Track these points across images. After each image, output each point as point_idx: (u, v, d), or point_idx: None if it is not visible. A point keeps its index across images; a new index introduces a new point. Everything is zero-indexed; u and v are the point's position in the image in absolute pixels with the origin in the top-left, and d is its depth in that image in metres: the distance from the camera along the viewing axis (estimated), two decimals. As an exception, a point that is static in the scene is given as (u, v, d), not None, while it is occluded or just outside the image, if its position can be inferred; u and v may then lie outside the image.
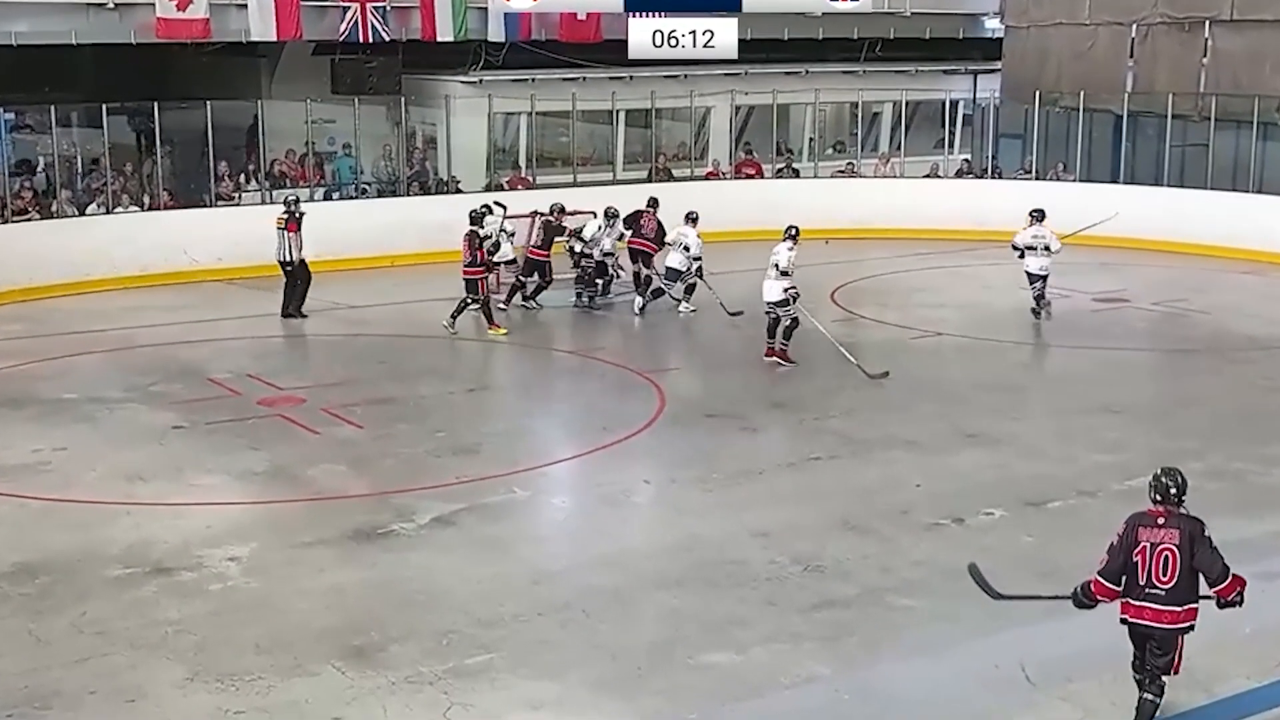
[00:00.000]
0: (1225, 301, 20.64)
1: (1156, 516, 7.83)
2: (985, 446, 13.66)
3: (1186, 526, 7.77)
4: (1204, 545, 7.75)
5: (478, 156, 26.19)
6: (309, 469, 12.86)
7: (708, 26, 24.22)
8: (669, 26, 24.06)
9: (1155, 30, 26.78)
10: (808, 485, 12.52)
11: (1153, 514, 7.85)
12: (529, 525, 11.86)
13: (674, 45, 24.09)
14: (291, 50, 25.47)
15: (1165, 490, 7.86)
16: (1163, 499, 7.87)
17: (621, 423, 14.33)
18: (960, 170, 28.44)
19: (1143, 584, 7.80)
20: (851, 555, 10.73)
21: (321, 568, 10.56)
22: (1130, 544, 7.83)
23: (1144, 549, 7.78)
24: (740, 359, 17.92)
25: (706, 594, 10.06)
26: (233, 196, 23.48)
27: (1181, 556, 7.71)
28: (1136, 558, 7.80)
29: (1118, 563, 7.88)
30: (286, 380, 15.95)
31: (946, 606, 9.80)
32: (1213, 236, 23.84)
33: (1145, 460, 12.83)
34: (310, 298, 19.81)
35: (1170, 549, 7.74)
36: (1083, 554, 10.56)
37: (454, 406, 15.18)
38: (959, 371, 16.62)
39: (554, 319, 19.81)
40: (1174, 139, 25.57)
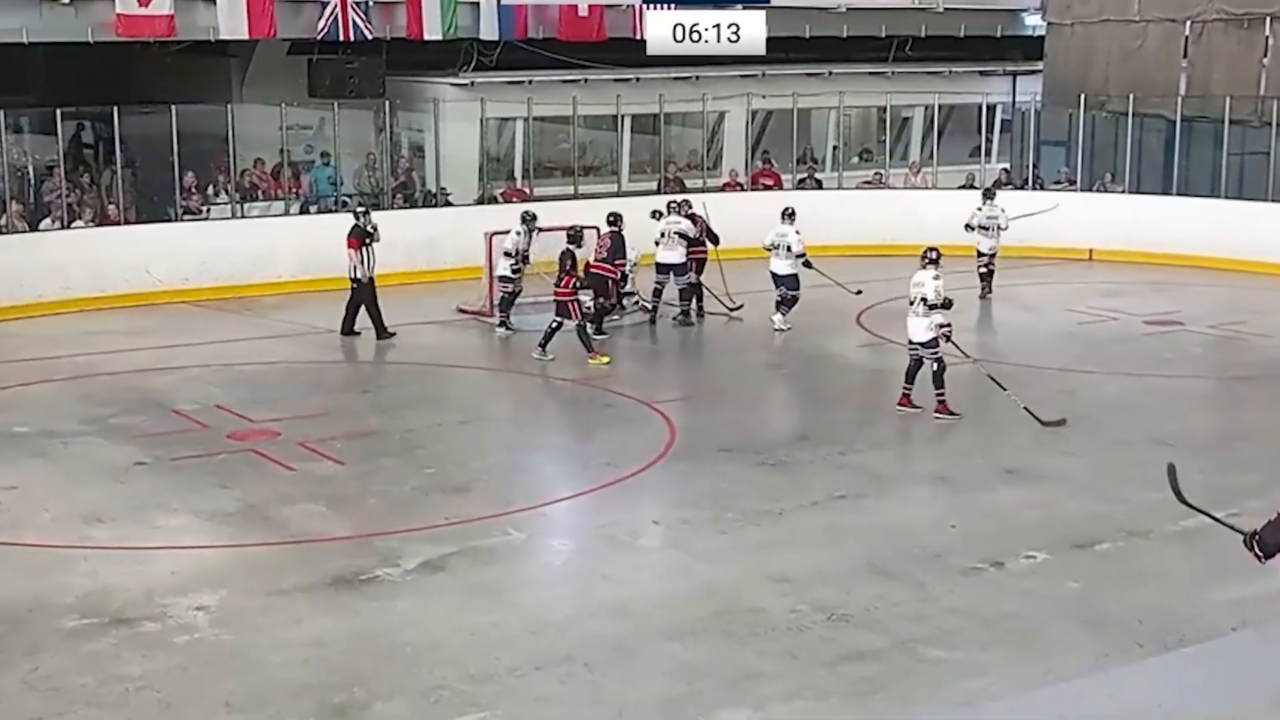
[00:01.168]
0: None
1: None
2: (1026, 483, 13.68)
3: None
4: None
5: (469, 166, 26.28)
6: (284, 509, 12.87)
7: (733, 20, 24.21)
8: (690, 20, 24.04)
9: (1211, 28, 26.88)
10: (833, 526, 12.53)
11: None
12: (526, 570, 11.88)
13: (696, 40, 24.09)
14: (264, 50, 25.61)
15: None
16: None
17: (627, 457, 14.35)
18: (998, 181, 28.47)
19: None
20: (880, 603, 10.74)
21: (299, 617, 10.57)
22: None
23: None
24: (758, 387, 18.00)
25: (722, 646, 10.06)
26: (200, 210, 23.56)
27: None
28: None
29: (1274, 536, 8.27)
30: (259, 412, 15.98)
31: (984, 659, 9.81)
32: (1274, 253, 23.89)
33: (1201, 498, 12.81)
34: (285, 321, 19.87)
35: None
36: (1134, 601, 10.65)
37: (444, 440, 15.21)
38: (997, 401, 16.65)
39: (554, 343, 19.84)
40: (1232, 146, 25.62)
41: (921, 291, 15.67)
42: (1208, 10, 26.75)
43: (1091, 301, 22.10)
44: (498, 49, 26.31)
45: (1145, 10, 27.79)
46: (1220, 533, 12.17)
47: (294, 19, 24.28)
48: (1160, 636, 10.04)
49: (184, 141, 22.64)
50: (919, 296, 15.69)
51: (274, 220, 23.94)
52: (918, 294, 15.71)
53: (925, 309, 15.64)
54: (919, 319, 15.71)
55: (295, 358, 18.91)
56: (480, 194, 25.93)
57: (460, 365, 18.72)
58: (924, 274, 15.77)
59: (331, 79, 25.15)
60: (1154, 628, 10.21)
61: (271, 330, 20.27)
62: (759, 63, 27.99)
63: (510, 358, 19.44)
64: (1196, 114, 26.47)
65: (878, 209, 26.53)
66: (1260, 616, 10.25)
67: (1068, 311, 21.22)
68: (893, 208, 26.55)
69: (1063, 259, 25.24)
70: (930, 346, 15.67)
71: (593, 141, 28.14)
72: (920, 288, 15.70)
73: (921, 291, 15.67)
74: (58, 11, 22.72)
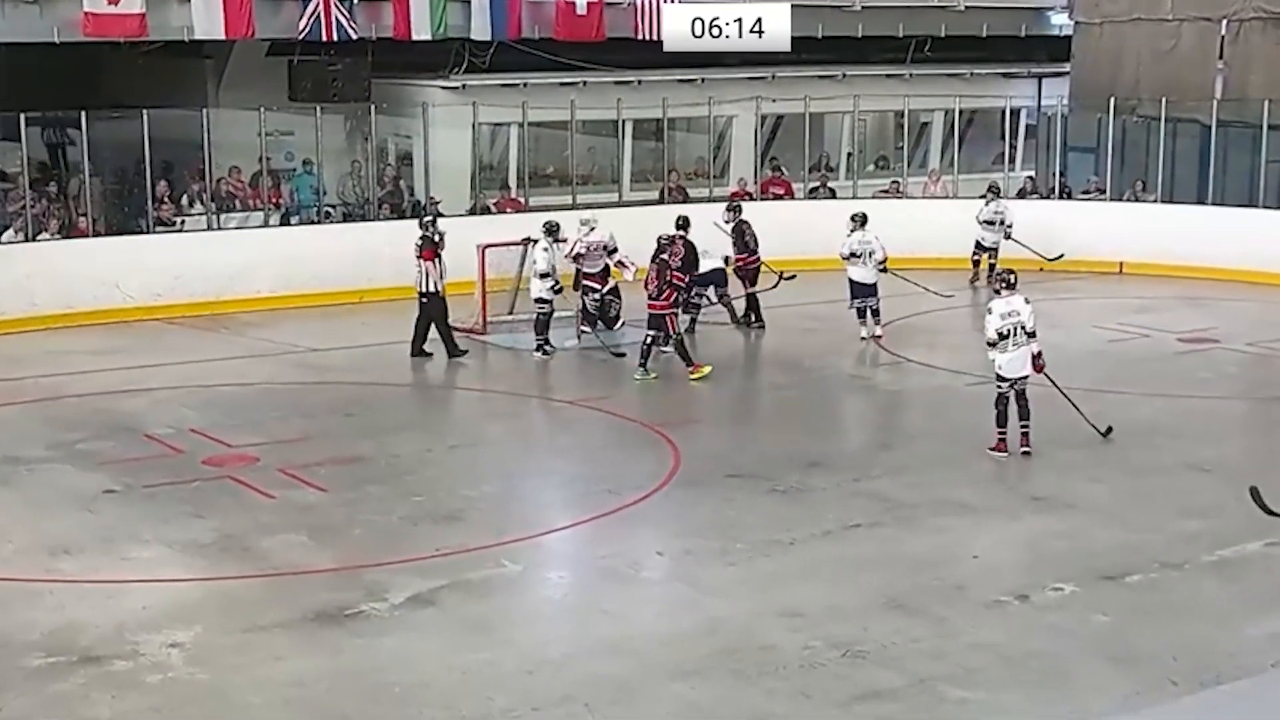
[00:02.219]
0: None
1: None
2: (1053, 511, 13.72)
3: None
4: None
5: (460, 174, 26.35)
6: (264, 539, 12.91)
7: (756, 13, 24.20)
8: (710, 14, 24.04)
9: (1248, 27, 26.95)
10: (847, 557, 12.57)
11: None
12: (521, 605, 11.89)
13: (716, 35, 24.09)
14: (242, 51, 25.67)
15: None
16: None
17: (629, 484, 14.39)
18: (1023, 189, 28.54)
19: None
20: (898, 639, 10.77)
21: (279, 655, 10.60)
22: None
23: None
24: (768, 409, 18.03)
25: (730, 685, 10.10)
26: (173, 221, 23.62)
27: None
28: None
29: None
30: (237, 436, 16.03)
31: (1008, 699, 9.85)
32: (1317, 266, 23.96)
33: (1238, 527, 12.94)
34: (264, 339, 19.91)
35: None
36: (1167, 636, 10.68)
37: (434, 466, 15.25)
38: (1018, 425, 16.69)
39: (551, 363, 19.91)
40: (1271, 153, 25.68)
41: (1020, 320, 15.17)
42: (1245, 8, 26.81)
43: (1122, 318, 22.15)
44: (490, 50, 26.33)
45: (1179, 9, 27.83)
46: (1259, 563, 12.27)
47: (273, 18, 24.31)
48: (1195, 674, 10.06)
49: (156, 148, 22.71)
50: (1018, 326, 15.16)
51: (252, 232, 24.02)
52: (1015, 324, 15.15)
53: (1027, 338, 15.21)
54: (1020, 349, 15.18)
55: (275, 378, 18.95)
56: (472, 204, 25.98)
57: (451, 386, 18.76)
58: (1015, 300, 15.26)
59: (313, 82, 25.18)
60: (1189, 664, 10.23)
61: (250, 349, 20.31)
62: (769, 64, 28.06)
63: (504, 378, 19.49)
64: (1233, 118, 26.53)
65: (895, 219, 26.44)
66: (1302, 653, 10.30)
67: (1097, 328, 21.25)
68: (911, 218, 26.55)
69: (1092, 272, 25.30)
70: (1025, 379, 15.31)
71: (592, 148, 28.20)
72: (1016, 316, 15.17)
73: (1020, 320, 15.17)
74: (21, 10, 22.69)
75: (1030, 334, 15.21)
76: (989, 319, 15.34)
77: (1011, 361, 15.19)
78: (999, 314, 15.23)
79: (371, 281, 23.31)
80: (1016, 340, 15.19)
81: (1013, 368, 15.20)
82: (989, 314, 15.38)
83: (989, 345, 15.33)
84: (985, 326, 15.40)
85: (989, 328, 15.30)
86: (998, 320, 15.21)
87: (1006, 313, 15.23)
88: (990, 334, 15.26)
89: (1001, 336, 15.19)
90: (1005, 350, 15.19)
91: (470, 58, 26.56)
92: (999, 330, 15.19)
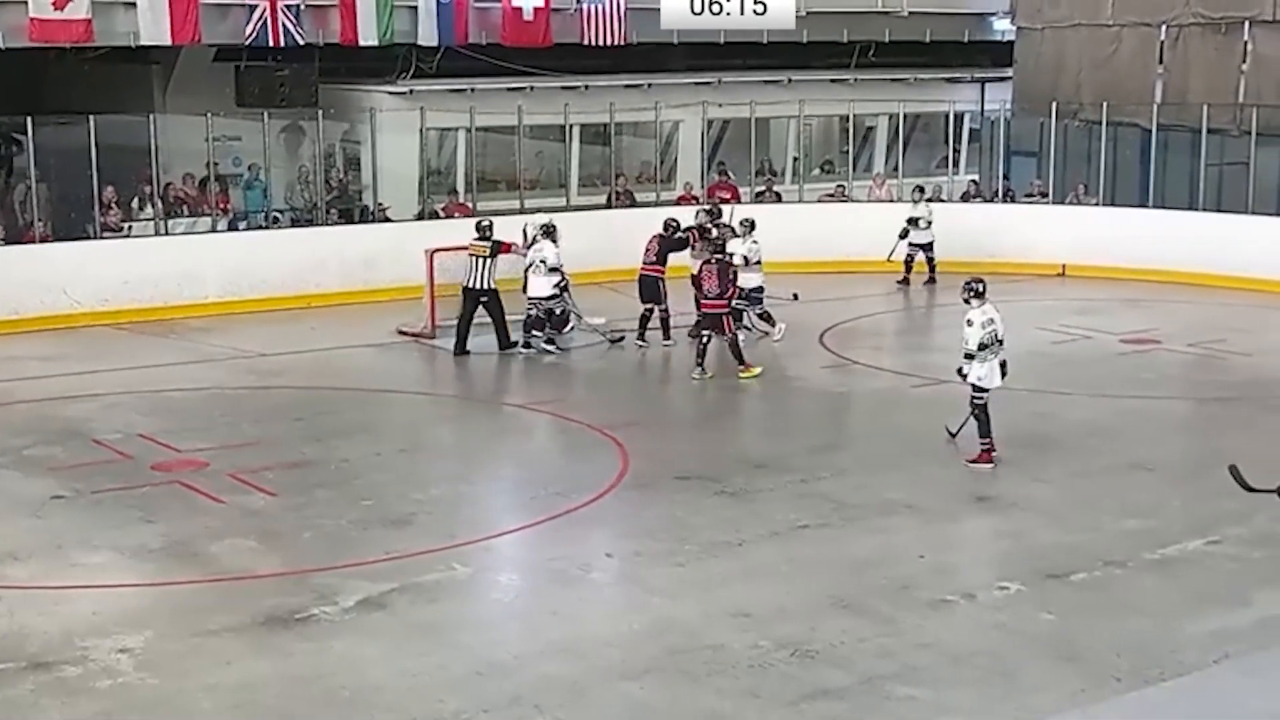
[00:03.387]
0: (1269, 342, 20.91)
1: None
2: (998, 511, 13.81)
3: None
4: None
5: (408, 179, 26.32)
6: (213, 544, 12.84)
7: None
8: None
9: (1188, 32, 27.19)
10: (795, 558, 12.59)
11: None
12: (471, 608, 11.88)
13: (716, 13, 23.78)
14: (189, 56, 25.55)
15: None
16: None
17: (578, 487, 14.38)
18: (966, 193, 28.73)
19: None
20: (846, 638, 10.80)
21: (229, 660, 10.54)
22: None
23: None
24: (716, 411, 18.05)
25: (679, 685, 10.11)
26: (121, 227, 23.49)
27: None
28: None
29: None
30: (186, 441, 15.94)
31: (955, 697, 9.89)
32: (1255, 268, 24.16)
33: (1180, 525, 13.08)
34: (213, 344, 19.80)
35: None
36: (1111, 634, 10.76)
37: (383, 470, 15.20)
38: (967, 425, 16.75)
39: (499, 367, 19.89)
40: (1210, 157, 25.94)
41: (998, 329, 15.05)
42: (1184, 14, 27.05)
43: (1065, 319, 22.30)
44: (438, 55, 26.33)
45: (1119, 14, 28.08)
46: (1200, 561, 12.39)
47: (220, 24, 24.25)
48: (1139, 671, 10.13)
49: (103, 154, 22.56)
50: (997, 336, 15.05)
51: (200, 237, 23.92)
52: (994, 333, 15.01)
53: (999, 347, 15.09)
54: (997, 360, 15.06)
55: (223, 383, 18.85)
56: (420, 209, 25.94)
57: (400, 390, 18.69)
58: (988, 308, 15.05)
59: (260, 87, 25.11)
60: (1132, 662, 10.31)
61: (198, 354, 20.20)
62: (715, 70, 28.16)
63: (453, 382, 19.47)
64: (1173, 122, 26.75)
65: (840, 223, 26.67)
66: (1242, 649, 10.38)
67: (1040, 330, 21.36)
68: (856, 222, 26.68)
69: (1034, 275, 25.44)
70: None
71: (539, 153, 28.20)
72: (994, 325, 15.01)
73: (998, 329, 15.05)
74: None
75: (1001, 343, 15.14)
76: (969, 330, 15.01)
77: (991, 372, 15.04)
78: (979, 324, 14.96)
79: (320, 286, 23.26)
80: (994, 350, 15.07)
81: (992, 378, 15.06)
82: (969, 325, 15.03)
83: (967, 357, 15.07)
84: (965, 338, 15.06)
85: (970, 339, 14.98)
86: (979, 330, 14.95)
87: (986, 322, 15.01)
88: (972, 345, 14.98)
89: (983, 347, 14.99)
90: (985, 360, 15.01)
91: (417, 63, 26.53)
92: (981, 340, 14.97)
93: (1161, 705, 9.42)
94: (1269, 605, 11.36)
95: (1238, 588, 11.76)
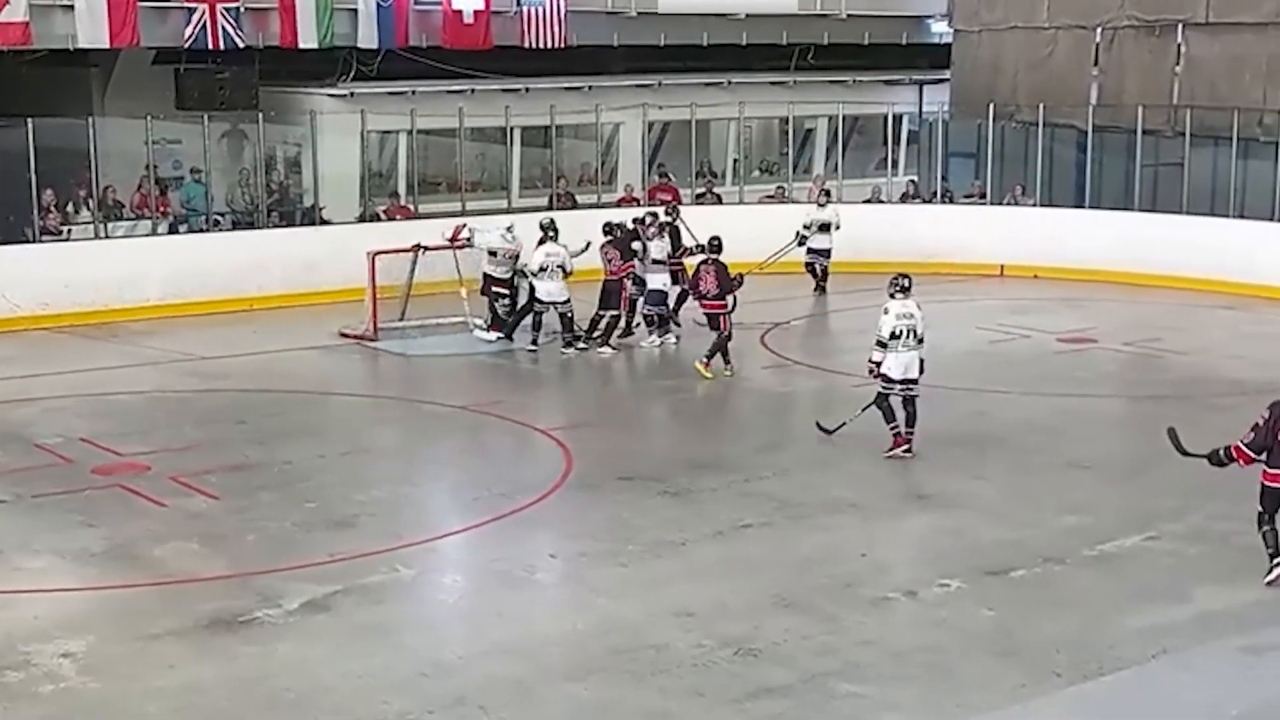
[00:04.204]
0: (1204, 341, 21.12)
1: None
2: (938, 509, 13.88)
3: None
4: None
5: (349, 181, 26.19)
6: (156, 548, 12.76)
7: None
8: None
9: (1122, 35, 27.44)
10: (738, 557, 12.62)
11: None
12: (415, 609, 11.85)
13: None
14: (128, 59, 25.39)
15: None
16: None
17: (522, 488, 14.37)
18: (905, 194, 28.87)
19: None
20: (789, 636, 10.83)
21: (172, 663, 10.48)
22: (1276, 425, 11.48)
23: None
24: (658, 411, 18.08)
25: (623, 684, 10.12)
26: (60, 230, 23.29)
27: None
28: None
29: (1262, 440, 11.56)
30: (127, 445, 15.83)
31: (897, 693, 9.94)
32: (1190, 267, 24.37)
33: (1118, 522, 13.19)
34: (154, 348, 19.67)
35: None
36: (1051, 630, 10.84)
37: (326, 472, 15.14)
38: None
39: (442, 368, 19.85)
40: (1145, 157, 26.16)
41: (914, 323, 15.24)
42: (1119, 17, 27.29)
43: (1003, 319, 22.45)
44: (378, 58, 26.28)
45: (1054, 17, 28.31)
46: (1138, 557, 12.51)
47: (159, 26, 24.13)
48: (1078, 666, 10.21)
49: (42, 157, 22.34)
50: (910, 329, 15.22)
51: (141, 240, 23.77)
52: (909, 326, 15.20)
53: (916, 343, 15.30)
54: (909, 353, 15.25)
55: (165, 386, 18.72)
56: (361, 211, 25.85)
57: (343, 392, 18.64)
58: (909, 303, 15.29)
59: (200, 90, 24.98)
60: (1072, 657, 10.38)
61: (139, 358, 20.06)
62: (655, 72, 28.20)
63: (396, 384, 19.43)
64: (1108, 124, 26.97)
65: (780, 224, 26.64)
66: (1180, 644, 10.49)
67: (979, 329, 21.52)
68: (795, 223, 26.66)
69: (972, 275, 25.60)
70: (913, 384, 15.35)
71: (480, 155, 28.15)
72: (911, 319, 15.23)
73: (914, 323, 15.24)
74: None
75: (919, 340, 15.31)
76: (884, 319, 15.28)
77: (899, 363, 15.24)
78: (895, 314, 15.23)
79: (261, 289, 23.15)
80: (906, 343, 15.24)
81: (899, 369, 15.26)
82: (884, 314, 15.32)
83: (878, 345, 15.30)
84: (879, 326, 15.33)
85: (883, 327, 15.25)
86: (893, 320, 15.21)
87: (902, 314, 15.25)
88: (883, 333, 15.24)
89: (894, 337, 15.22)
90: (895, 351, 15.23)
91: (358, 66, 26.49)
92: (893, 330, 15.21)
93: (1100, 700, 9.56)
94: (1206, 601, 11.47)
95: (1175, 584, 11.88)
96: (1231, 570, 12.05)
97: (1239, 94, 25.41)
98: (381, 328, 20.77)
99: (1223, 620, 10.92)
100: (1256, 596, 11.53)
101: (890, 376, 15.29)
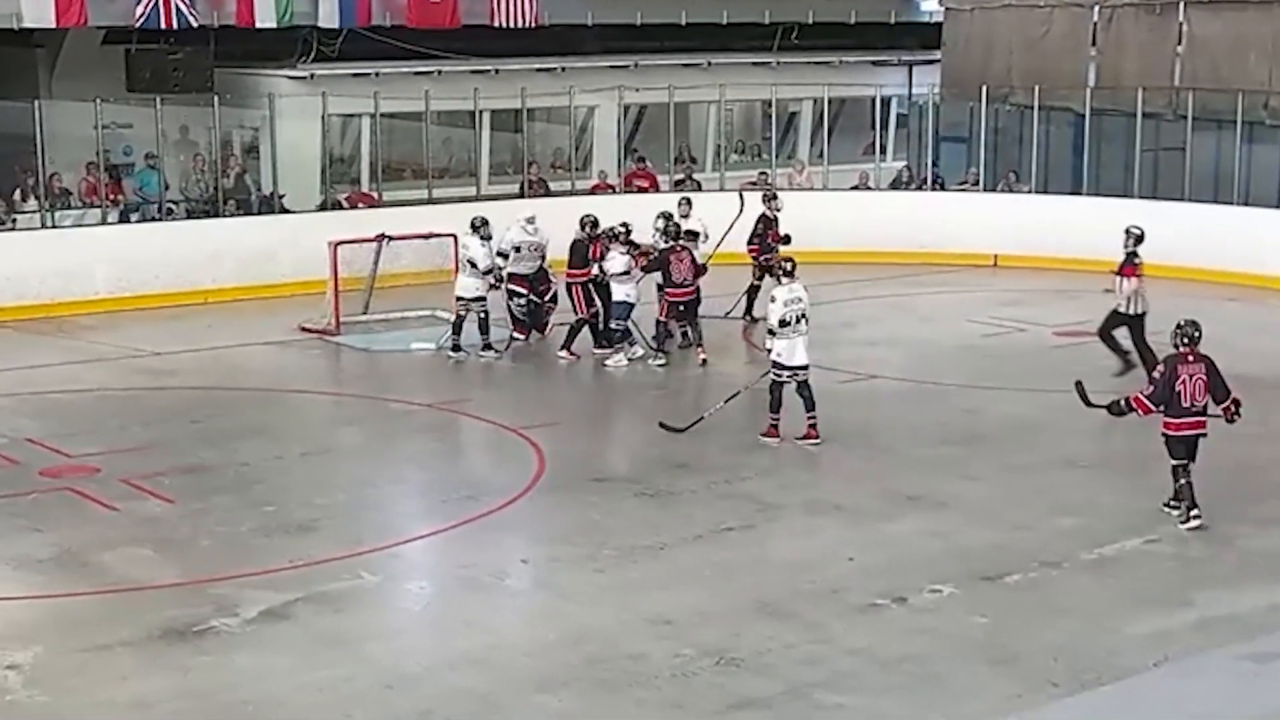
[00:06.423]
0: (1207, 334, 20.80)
1: (1188, 356, 12.99)
2: (929, 511, 13.89)
3: (1205, 361, 13.04)
4: (1217, 374, 13.11)
5: (309, 167, 26.19)
6: (105, 554, 12.74)
7: None
8: None
9: (1121, 14, 27.49)
10: (718, 562, 12.63)
11: (1183, 354, 12.98)
12: (379, 617, 11.83)
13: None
14: (76, 39, 25.33)
15: (1192, 337, 13.04)
16: (1190, 343, 13.01)
17: (491, 490, 14.38)
18: (895, 180, 28.91)
19: (1186, 405, 12.98)
20: (772, 645, 10.85)
21: (123, 675, 10.48)
22: (1172, 378, 12.89)
23: (1184, 380, 12.92)
24: (634, 410, 18.07)
25: (598, 696, 10.13)
26: (4, 220, 23.25)
27: (1210, 381, 13.01)
28: (1179, 388, 12.90)
29: (1161, 393, 12.96)
30: (75, 445, 15.80)
31: (885, 705, 9.97)
32: (1191, 257, 24.38)
33: (1117, 524, 13.22)
34: (103, 343, 19.64)
35: (1201, 378, 12.98)
36: (1046, 637, 10.87)
37: (284, 474, 15.14)
38: (896, 421, 16.88)
39: (407, 365, 19.84)
40: (1145, 142, 26.21)
41: (803, 308, 15.69)
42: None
43: (996, 311, 22.50)
44: (340, 38, 26.22)
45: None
46: (1138, 560, 12.54)
47: (108, 4, 24.05)
48: (1076, 675, 10.25)
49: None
50: (801, 314, 15.67)
51: (89, 230, 23.69)
52: (799, 311, 15.65)
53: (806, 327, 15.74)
54: (800, 338, 15.70)
55: (115, 384, 18.69)
56: (323, 199, 25.82)
57: (303, 390, 18.61)
58: (796, 286, 15.75)
59: (152, 72, 24.91)
60: (1069, 665, 10.42)
61: (87, 354, 20.02)
62: (631, 53, 28.18)
63: (359, 381, 19.41)
64: (1106, 107, 27.01)
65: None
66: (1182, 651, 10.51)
67: (970, 322, 21.56)
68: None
69: (965, 265, 25.64)
70: (805, 369, 15.78)
71: (448, 140, 28.13)
72: (800, 304, 15.67)
73: (803, 308, 15.69)
74: None
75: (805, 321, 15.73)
76: (772, 306, 15.75)
77: (791, 349, 15.65)
78: (783, 301, 15.67)
79: (216, 281, 23.08)
80: (796, 328, 15.65)
81: (792, 355, 15.65)
82: (772, 301, 15.77)
83: (769, 333, 15.73)
84: (769, 313, 15.78)
85: (772, 315, 15.69)
86: (781, 308, 15.64)
87: (790, 299, 15.67)
88: (773, 321, 15.64)
89: (784, 324, 15.59)
90: (787, 338, 15.65)
91: (319, 46, 26.42)
92: (781, 318, 15.59)
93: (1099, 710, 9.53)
94: (1209, 606, 11.51)
95: (1177, 588, 11.94)
96: (1237, 573, 12.12)
97: (1243, 75, 25.47)
98: (344, 322, 20.76)
99: (1226, 626, 10.96)
100: (1263, 601, 11.59)
101: (782, 363, 15.66)
